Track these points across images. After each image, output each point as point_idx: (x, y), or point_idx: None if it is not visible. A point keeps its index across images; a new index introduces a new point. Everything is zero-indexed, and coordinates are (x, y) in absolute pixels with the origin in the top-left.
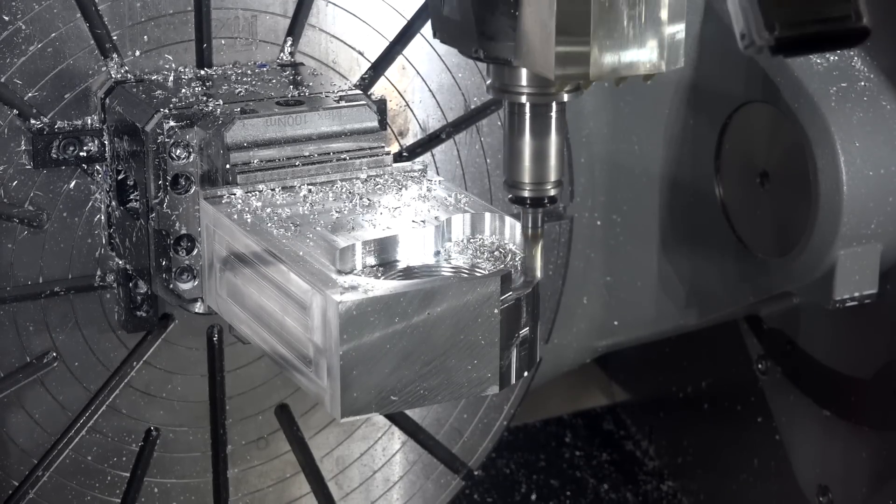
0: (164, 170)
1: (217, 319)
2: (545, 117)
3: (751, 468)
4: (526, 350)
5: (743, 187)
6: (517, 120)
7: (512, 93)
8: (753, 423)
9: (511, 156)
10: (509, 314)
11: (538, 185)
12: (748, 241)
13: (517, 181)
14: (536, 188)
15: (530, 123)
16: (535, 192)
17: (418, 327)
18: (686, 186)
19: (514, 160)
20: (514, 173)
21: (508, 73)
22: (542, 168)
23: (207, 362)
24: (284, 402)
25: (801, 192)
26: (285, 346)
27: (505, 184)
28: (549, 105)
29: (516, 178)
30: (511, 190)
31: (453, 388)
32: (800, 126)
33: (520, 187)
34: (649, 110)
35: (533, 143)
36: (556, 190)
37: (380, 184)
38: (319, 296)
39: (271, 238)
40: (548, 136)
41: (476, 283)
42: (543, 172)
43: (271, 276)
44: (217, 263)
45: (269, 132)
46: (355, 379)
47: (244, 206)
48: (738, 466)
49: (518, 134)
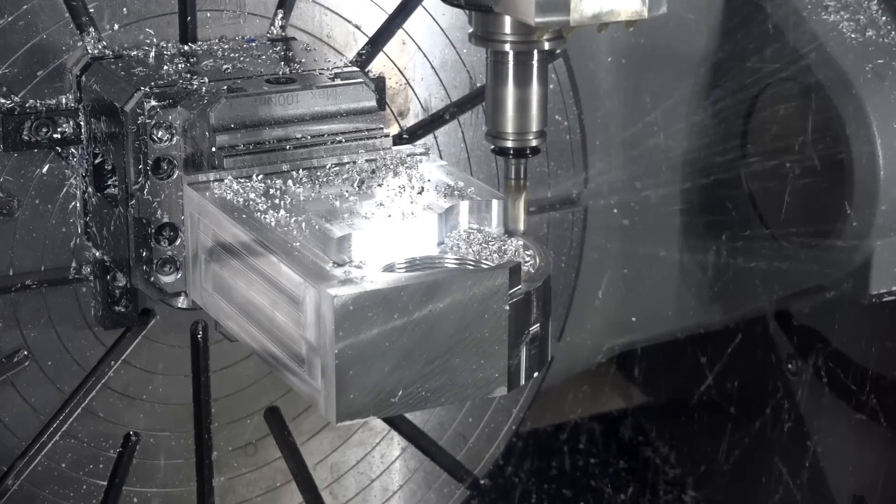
0: (145, 153)
1: (202, 315)
2: (528, 66)
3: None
4: (536, 348)
5: (772, 172)
6: (500, 69)
7: (494, 41)
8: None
9: (494, 106)
10: (518, 309)
11: (521, 135)
12: (777, 230)
13: (500, 131)
14: (519, 138)
15: (513, 72)
16: (519, 143)
17: (420, 323)
18: (710, 171)
19: (497, 110)
20: (496, 123)
21: (491, 21)
22: (525, 118)
23: (191, 361)
24: (274, 404)
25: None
26: (276, 344)
27: (487, 134)
28: (531, 53)
29: (499, 128)
30: (494, 140)
31: (458, 390)
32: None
33: (503, 137)
34: (670, 89)
35: (516, 93)
36: (538, 140)
37: (378, 168)
38: (313, 289)
39: (261, 227)
40: (530, 85)
41: (482, 276)
42: (526, 122)
43: (261, 269)
44: (202, 254)
45: (259, 112)
46: (352, 379)
47: (231, 192)
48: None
49: (501, 83)
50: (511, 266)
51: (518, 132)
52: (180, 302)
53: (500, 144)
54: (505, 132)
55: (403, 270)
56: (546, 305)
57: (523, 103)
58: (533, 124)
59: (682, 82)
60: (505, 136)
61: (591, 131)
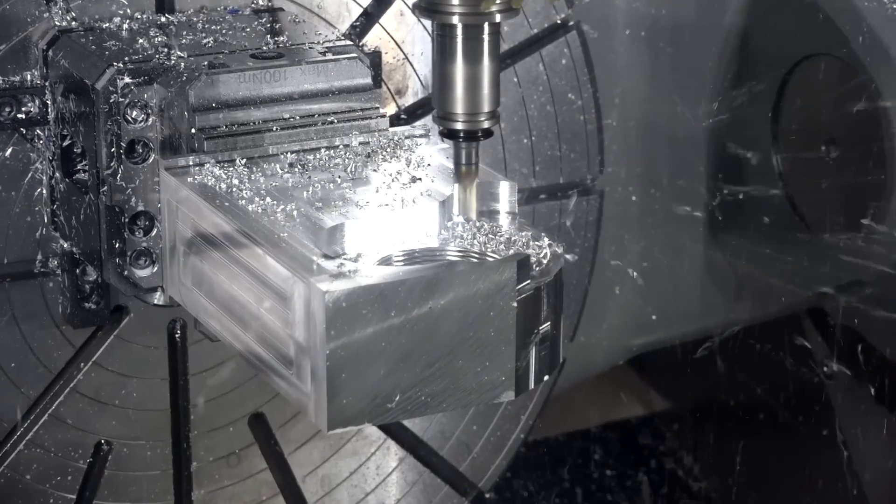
0: (118, 135)
1: (180, 312)
2: (478, 40)
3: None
4: (547, 349)
5: (805, 156)
6: (447, 43)
7: (441, 12)
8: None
9: (441, 84)
10: (527, 306)
11: (472, 117)
12: (811, 219)
13: (448, 112)
14: (470, 119)
15: (462, 47)
16: (469, 125)
17: (419, 322)
18: (738, 155)
19: (445, 89)
20: (444, 103)
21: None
22: (475, 97)
23: (168, 364)
24: (260, 410)
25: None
26: (261, 345)
27: (434, 116)
28: (481, 26)
29: (447, 108)
30: (442, 122)
31: (461, 395)
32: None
33: (451, 119)
34: (694, 64)
35: (466, 70)
36: (490, 122)
37: (374, 152)
38: (302, 284)
39: (245, 216)
40: (481, 61)
41: (488, 270)
42: (477, 102)
43: (245, 262)
44: (180, 246)
45: (243, 90)
46: (344, 383)
47: (212, 177)
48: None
49: (449, 59)
50: (519, 259)
51: (469, 113)
52: (156, 298)
53: (448, 126)
54: (454, 113)
55: (401, 263)
56: (557, 302)
57: (473, 81)
58: (485, 104)
59: (706, 58)
60: (454, 118)
61: (608, 111)
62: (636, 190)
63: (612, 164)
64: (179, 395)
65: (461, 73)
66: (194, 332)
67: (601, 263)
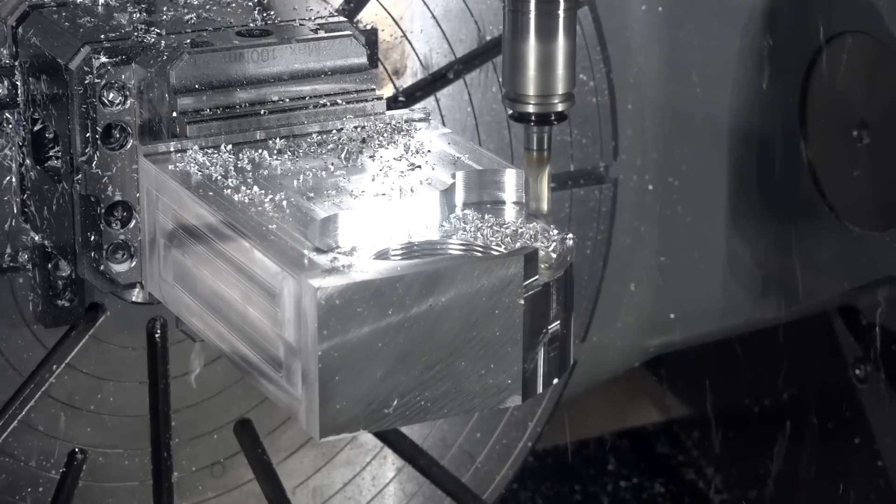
0: (94, 119)
1: (160, 311)
2: (553, 16)
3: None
4: (556, 350)
5: (836, 142)
6: (519, 20)
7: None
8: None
9: (512, 64)
10: (535, 304)
11: (545, 99)
12: (842, 210)
13: (519, 94)
14: (543, 102)
15: (535, 24)
16: (542, 107)
17: (419, 320)
18: (763, 141)
19: (516, 69)
20: (515, 84)
21: None
22: (549, 78)
23: (148, 366)
24: (246, 416)
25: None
26: (248, 345)
27: (505, 98)
28: (556, 1)
29: (518, 90)
30: (512, 105)
31: (463, 399)
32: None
33: (523, 101)
34: (716, 43)
35: (539, 48)
36: (564, 105)
37: (370, 137)
38: (292, 280)
39: (230, 206)
40: (556, 39)
41: (493, 265)
42: (551, 83)
43: (230, 256)
44: (161, 239)
45: (228, 71)
46: (338, 387)
47: (196, 165)
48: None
49: (520, 37)
50: (527, 253)
51: (541, 95)
52: (135, 295)
53: (519, 109)
54: (525, 95)
55: (399, 258)
56: (568, 299)
57: (547, 61)
58: (559, 86)
59: (729, 36)
60: (525, 100)
61: (622, 93)
62: (653, 178)
63: (627, 151)
64: (159, 399)
65: (533, 53)
66: (176, 331)
67: (615, 258)
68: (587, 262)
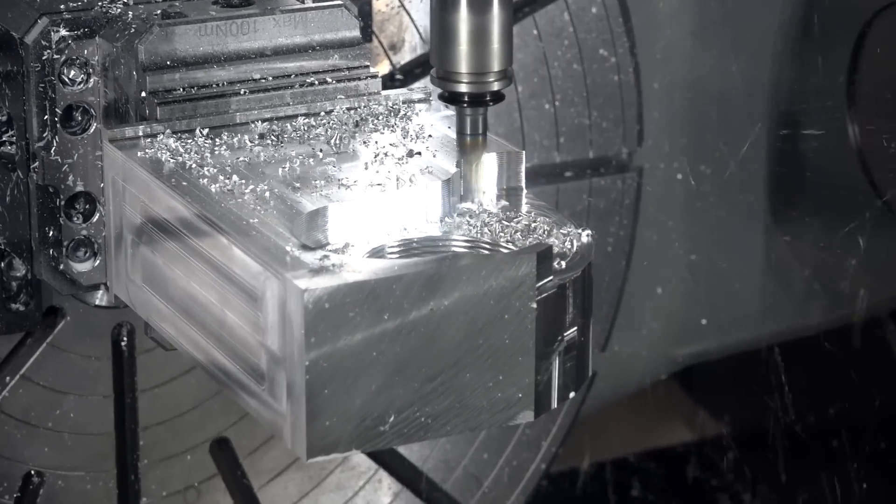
0: (53, 99)
1: (127, 315)
2: None
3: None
4: (573, 360)
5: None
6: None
7: None
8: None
9: (441, 38)
10: (549, 308)
11: (479, 77)
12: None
13: (450, 72)
14: (477, 80)
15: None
16: (476, 86)
17: (418, 327)
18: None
19: (446, 43)
20: (445, 61)
21: None
22: (483, 53)
23: (113, 378)
24: (224, 435)
25: None
26: (226, 355)
27: (433, 76)
28: None
29: (448, 67)
30: (442, 84)
31: (468, 415)
32: None
33: (453, 80)
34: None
35: (472, 20)
36: (501, 83)
37: (363, 120)
38: (276, 281)
39: (207, 198)
40: (489, 9)
41: (501, 263)
42: (486, 59)
43: (207, 254)
44: (128, 235)
45: (204, 46)
46: (327, 401)
47: (167, 151)
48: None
49: (450, 7)
50: (540, 250)
51: (475, 72)
52: (98, 298)
53: (450, 89)
54: (456, 73)
55: (396, 256)
56: (586, 303)
57: (481, 34)
58: (494, 62)
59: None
60: (456, 79)
61: (647, 69)
62: (682, 166)
63: (653, 136)
64: (126, 415)
65: (466, 24)
66: (145, 339)
67: (639, 256)
68: (608, 260)
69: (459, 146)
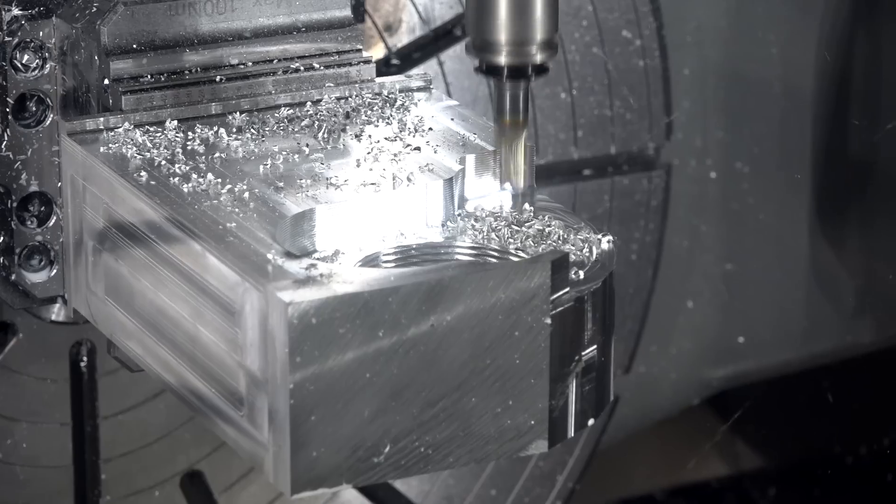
0: (4, 87)
1: (88, 332)
2: None
3: None
4: (592, 383)
5: None
6: None
7: None
8: None
9: (478, 6)
10: (565, 324)
11: (520, 48)
12: None
13: (488, 41)
14: (517, 51)
15: None
16: (516, 58)
17: (418, 345)
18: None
19: (484, 12)
20: (483, 31)
21: None
22: (525, 22)
23: (71, 403)
24: (196, 468)
25: None
26: (200, 377)
27: (470, 46)
28: None
29: (486, 36)
30: (479, 54)
31: (474, 445)
32: None
33: (492, 50)
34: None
35: None
36: (544, 55)
37: (355, 111)
38: (256, 293)
39: (178, 199)
40: None
41: (511, 274)
42: (528, 28)
43: (178, 262)
44: (89, 241)
45: (175, 27)
46: (314, 429)
47: (134, 146)
48: None
49: None
50: (554, 259)
51: (515, 42)
52: (55, 312)
53: (489, 60)
54: (495, 42)
55: (392, 265)
56: (607, 318)
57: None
58: (537, 31)
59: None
60: (495, 49)
61: (677, 54)
62: (716, 163)
63: (684, 129)
64: (86, 445)
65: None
66: (108, 359)
67: (668, 265)
68: (633, 269)
69: (497, 127)
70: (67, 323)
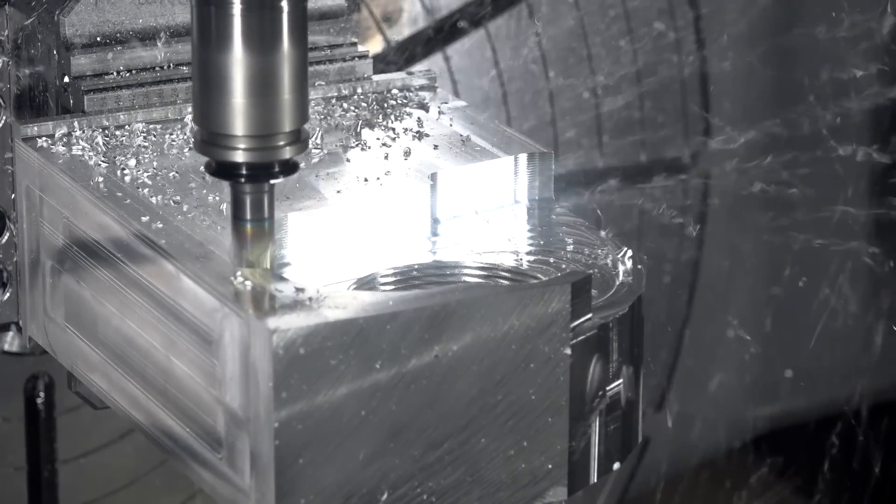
0: None
1: (45, 364)
2: (274, 12)
3: None
4: (618, 422)
5: None
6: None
7: None
8: None
9: (206, 88)
10: (587, 355)
11: (265, 140)
12: None
13: (219, 133)
14: (260, 146)
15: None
16: (259, 154)
17: (420, 378)
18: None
19: (215, 96)
20: (212, 120)
21: None
22: (270, 107)
23: (26, 444)
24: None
25: None
26: (173, 415)
27: (196, 139)
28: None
29: (217, 128)
30: (207, 149)
31: (484, 492)
32: None
33: (224, 145)
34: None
35: (251, 63)
36: (293, 148)
37: (349, 111)
38: (237, 319)
39: (147, 213)
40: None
41: (526, 298)
42: (273, 116)
43: (147, 285)
44: (47, 260)
45: (143, 18)
46: (302, 473)
47: (97, 153)
48: None
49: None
50: (575, 280)
51: (257, 136)
52: (7, 342)
53: (220, 157)
54: (228, 135)
55: (390, 287)
56: (635, 348)
57: (266, 80)
58: (285, 119)
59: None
60: (228, 144)
61: (716, 52)
62: (759, 173)
63: (722, 133)
64: (43, 493)
65: (241, 66)
66: (68, 394)
67: (705, 288)
68: (665, 293)
69: (235, 235)
70: (22, 354)
